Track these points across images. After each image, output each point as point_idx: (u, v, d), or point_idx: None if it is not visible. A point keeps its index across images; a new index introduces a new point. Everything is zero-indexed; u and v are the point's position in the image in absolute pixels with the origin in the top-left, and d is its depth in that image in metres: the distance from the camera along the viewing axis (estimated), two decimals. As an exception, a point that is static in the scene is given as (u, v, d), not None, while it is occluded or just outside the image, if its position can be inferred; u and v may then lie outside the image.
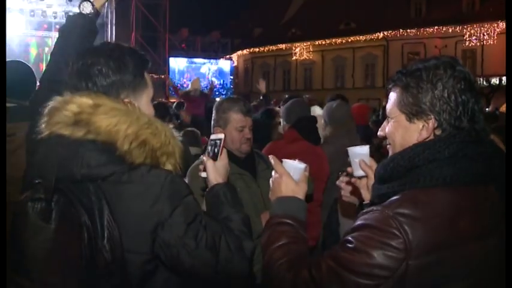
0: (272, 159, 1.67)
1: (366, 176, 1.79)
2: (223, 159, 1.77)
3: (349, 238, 1.31)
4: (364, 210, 1.36)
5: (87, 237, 1.32)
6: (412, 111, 1.37)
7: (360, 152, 1.80)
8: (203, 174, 1.80)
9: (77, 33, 1.91)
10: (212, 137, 1.87)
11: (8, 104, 2.72)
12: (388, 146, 1.50)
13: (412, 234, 1.22)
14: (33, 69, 3.18)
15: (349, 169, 1.87)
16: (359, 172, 1.79)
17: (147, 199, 1.40)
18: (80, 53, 1.57)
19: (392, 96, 1.44)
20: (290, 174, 1.62)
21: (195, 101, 8.13)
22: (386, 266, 1.22)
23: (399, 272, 1.22)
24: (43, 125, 1.46)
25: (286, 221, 1.52)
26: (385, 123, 1.49)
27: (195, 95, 8.28)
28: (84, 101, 1.43)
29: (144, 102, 1.59)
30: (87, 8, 1.96)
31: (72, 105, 1.42)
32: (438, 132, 1.34)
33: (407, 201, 1.28)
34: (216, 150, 1.79)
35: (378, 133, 1.51)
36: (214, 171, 1.74)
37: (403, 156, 1.34)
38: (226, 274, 1.48)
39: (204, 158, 1.80)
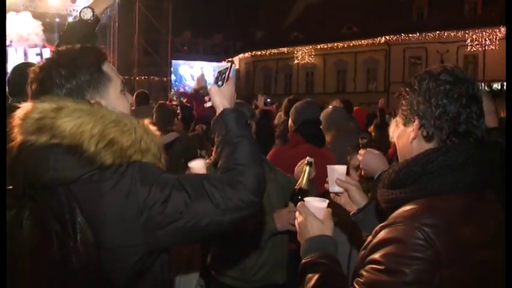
0: (299, 204, 1.67)
1: (343, 192, 1.91)
2: (229, 84, 1.68)
3: (376, 259, 1.27)
4: (382, 224, 1.35)
5: (57, 242, 1.30)
6: (405, 114, 1.44)
7: (337, 170, 1.94)
8: (207, 104, 1.74)
9: (77, 38, 1.90)
10: (219, 69, 1.78)
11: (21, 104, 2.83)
12: None
13: (439, 243, 1.21)
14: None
15: (325, 186, 1.98)
16: (335, 188, 1.92)
17: (120, 192, 1.36)
18: (33, 70, 1.51)
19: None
20: (314, 215, 1.61)
21: (204, 101, 8.02)
22: (422, 280, 1.20)
23: (435, 284, 1.20)
24: (12, 133, 1.43)
25: (318, 261, 1.49)
26: None
27: (204, 94, 8.18)
28: (47, 105, 1.39)
29: (112, 97, 1.53)
30: (87, 15, 1.98)
31: (33, 112, 1.39)
32: (424, 133, 1.38)
33: (427, 210, 1.28)
34: (222, 78, 1.70)
35: (391, 139, 1.57)
36: (219, 94, 1.66)
37: (417, 162, 1.35)
38: (232, 211, 1.41)
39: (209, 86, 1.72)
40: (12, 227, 1.34)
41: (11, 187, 1.40)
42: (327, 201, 1.67)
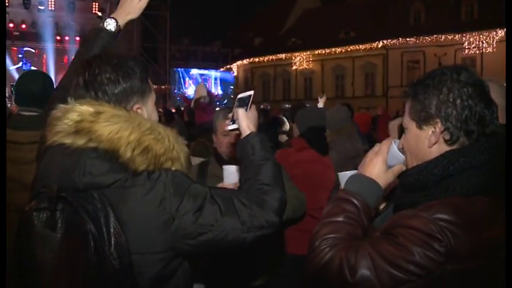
0: (386, 140, 1.55)
1: None
2: (253, 109, 1.79)
3: (393, 231, 1.30)
4: (401, 213, 1.36)
5: (94, 245, 1.31)
6: (421, 117, 1.37)
7: (349, 176, 1.87)
8: (231, 127, 1.80)
9: (99, 46, 1.95)
10: (240, 95, 1.87)
11: (31, 113, 2.82)
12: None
13: (454, 240, 1.23)
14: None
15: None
16: None
17: (153, 199, 1.39)
18: (84, 63, 1.55)
19: (406, 107, 1.46)
20: (386, 158, 1.50)
21: (206, 108, 7.99)
22: (424, 265, 1.23)
23: (435, 275, 1.23)
24: (47, 134, 1.46)
25: (352, 200, 1.44)
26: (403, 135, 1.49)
27: (205, 102, 8.13)
28: (85, 109, 1.42)
29: (150, 106, 1.61)
30: (111, 25, 2.00)
31: (72, 114, 1.41)
32: (447, 136, 1.34)
33: (446, 207, 1.27)
34: (246, 103, 1.80)
35: (399, 146, 1.50)
36: (246, 118, 1.75)
37: (437, 165, 1.33)
38: (256, 229, 1.48)
39: (235, 108, 1.80)
40: (45, 230, 1.35)
41: (43, 190, 1.40)
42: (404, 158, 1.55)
